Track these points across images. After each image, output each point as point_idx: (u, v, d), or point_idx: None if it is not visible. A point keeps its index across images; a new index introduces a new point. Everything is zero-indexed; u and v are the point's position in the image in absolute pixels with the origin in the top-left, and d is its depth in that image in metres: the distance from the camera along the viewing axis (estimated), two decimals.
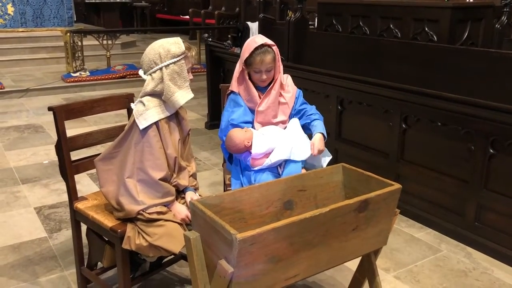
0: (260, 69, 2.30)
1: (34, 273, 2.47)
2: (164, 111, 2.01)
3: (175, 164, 2.05)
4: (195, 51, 2.08)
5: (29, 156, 4.22)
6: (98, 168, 2.06)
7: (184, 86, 2.02)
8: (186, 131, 2.18)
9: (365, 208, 1.82)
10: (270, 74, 2.34)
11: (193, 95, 2.07)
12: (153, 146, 1.97)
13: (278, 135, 2.32)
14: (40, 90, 6.62)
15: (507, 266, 2.59)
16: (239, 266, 1.55)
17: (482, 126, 2.62)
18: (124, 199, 1.95)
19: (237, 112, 2.38)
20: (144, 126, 1.95)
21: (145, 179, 1.95)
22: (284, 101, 2.44)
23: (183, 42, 2.02)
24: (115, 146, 2.04)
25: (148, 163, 1.95)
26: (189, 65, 2.05)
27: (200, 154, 4.37)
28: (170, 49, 1.96)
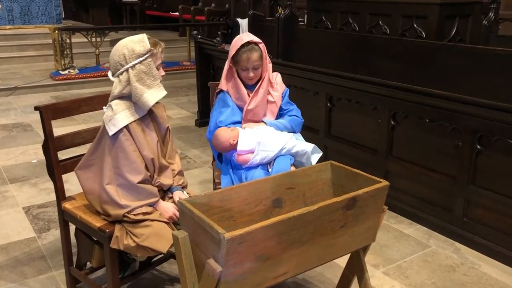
0: (246, 66, 2.30)
1: (23, 274, 2.46)
2: (134, 114, 1.97)
3: (154, 165, 2.02)
4: (162, 47, 2.01)
5: (18, 155, 4.18)
6: (78, 177, 2.05)
7: (155, 85, 1.97)
8: (164, 129, 2.14)
9: (353, 205, 1.83)
10: (258, 72, 2.34)
11: (166, 93, 2.02)
12: (127, 150, 1.93)
13: (265, 131, 2.33)
14: (28, 88, 6.57)
15: (494, 261, 2.61)
16: (228, 265, 1.55)
17: (469, 122, 2.64)
18: (107, 206, 1.94)
19: (225, 113, 2.38)
20: (114, 132, 1.92)
21: (125, 184, 1.93)
22: (272, 99, 2.45)
23: (149, 38, 1.97)
24: (91, 153, 2.03)
25: (124, 168, 1.93)
26: (158, 61, 1.99)
27: (190, 152, 4.36)
28: (134, 49, 1.92)
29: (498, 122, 2.51)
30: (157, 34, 11.41)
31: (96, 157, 1.99)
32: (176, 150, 2.25)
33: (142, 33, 2.00)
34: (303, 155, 2.37)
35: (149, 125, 2.04)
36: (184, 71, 7.82)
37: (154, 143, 2.03)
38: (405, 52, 3.76)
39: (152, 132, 2.04)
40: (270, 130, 2.37)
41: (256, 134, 2.31)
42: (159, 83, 1.98)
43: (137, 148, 1.95)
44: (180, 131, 4.98)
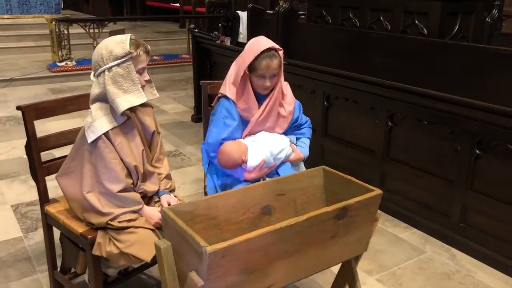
0: (264, 74, 2.10)
1: (6, 276, 2.40)
2: (113, 121, 1.87)
3: (137, 172, 1.93)
4: (146, 50, 1.89)
5: (10, 150, 4.12)
6: (59, 184, 1.98)
7: (133, 90, 1.85)
8: (150, 133, 2.05)
9: (344, 215, 1.76)
10: (274, 80, 2.14)
11: (144, 100, 1.89)
12: (106, 158, 1.84)
13: (266, 139, 2.21)
14: (25, 80, 6.50)
15: (490, 268, 2.55)
16: (210, 279, 1.48)
17: (469, 126, 2.56)
18: (89, 215, 1.87)
19: (230, 129, 2.17)
20: (92, 139, 1.83)
21: (105, 192, 1.86)
22: (284, 114, 2.26)
23: (131, 40, 1.86)
24: (71, 159, 1.95)
25: (103, 176, 1.85)
26: (140, 65, 1.88)
27: (185, 148, 4.29)
28: (113, 50, 1.82)
29: (498, 127, 2.43)
30: (158, 25, 11.34)
31: (76, 164, 1.92)
32: (164, 153, 2.17)
33: (129, 34, 1.92)
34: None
35: (133, 131, 1.94)
36: (182, 64, 7.73)
37: (138, 151, 1.94)
38: (406, 50, 3.68)
39: (136, 138, 1.95)
40: (269, 137, 2.23)
41: (261, 145, 2.17)
42: (139, 88, 1.88)
43: (117, 156, 1.86)
44: (176, 126, 4.91)
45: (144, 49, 1.88)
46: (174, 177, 3.55)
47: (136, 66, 1.86)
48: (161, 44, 9.24)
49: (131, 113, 1.94)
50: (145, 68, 1.92)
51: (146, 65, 1.92)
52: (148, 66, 1.98)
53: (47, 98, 5.89)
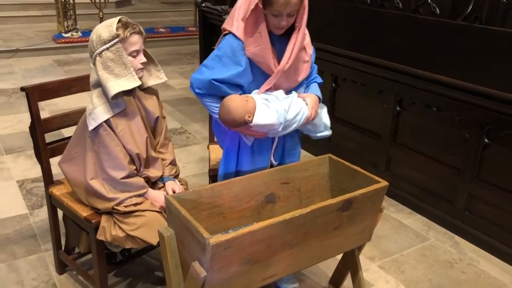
0: (281, 12, 1.74)
1: (13, 253, 2.42)
2: (110, 110, 1.82)
3: (140, 159, 1.92)
4: (136, 30, 1.81)
5: (15, 123, 4.11)
6: (63, 170, 1.97)
7: (126, 74, 1.80)
8: (153, 119, 2.02)
9: (348, 207, 1.75)
10: (291, 20, 1.79)
11: (138, 83, 1.83)
12: (108, 145, 1.82)
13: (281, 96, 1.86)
14: (30, 51, 6.45)
15: (493, 257, 2.55)
16: (213, 269, 1.49)
17: (478, 114, 2.52)
18: (94, 200, 1.87)
19: (229, 72, 1.79)
20: (93, 126, 1.81)
21: (109, 179, 1.85)
22: (306, 58, 1.93)
23: (120, 22, 1.79)
24: (74, 145, 1.94)
25: (106, 164, 1.83)
26: (132, 47, 1.81)
27: (190, 126, 4.27)
28: (101, 35, 1.77)
29: (509, 116, 2.38)
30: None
31: (79, 150, 1.91)
32: (169, 138, 2.15)
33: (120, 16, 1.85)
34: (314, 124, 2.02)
35: (135, 117, 1.91)
36: (189, 37, 7.62)
37: (141, 137, 1.92)
38: (417, 31, 3.58)
39: (139, 125, 1.92)
40: (286, 99, 1.87)
41: (275, 107, 1.81)
42: (132, 72, 1.81)
43: (119, 143, 1.85)
44: (182, 103, 4.87)
45: (134, 30, 1.80)
46: (179, 156, 3.57)
47: (127, 49, 1.80)
48: (168, 16, 9.11)
49: (134, 98, 1.91)
50: (139, 50, 1.85)
51: (141, 47, 1.85)
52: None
53: (53, 70, 5.86)
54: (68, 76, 5.50)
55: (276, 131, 1.85)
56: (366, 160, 3.26)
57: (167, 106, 4.69)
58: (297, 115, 1.87)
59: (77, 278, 2.25)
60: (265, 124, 1.80)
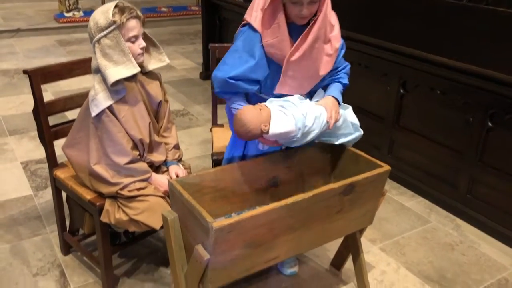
0: (301, 0, 1.65)
1: (18, 234, 2.45)
2: (110, 97, 1.81)
3: (143, 145, 1.92)
4: (130, 16, 1.76)
5: (18, 104, 4.12)
6: (66, 155, 1.98)
7: (125, 61, 1.78)
8: (156, 103, 2.01)
9: (350, 191, 1.76)
10: (313, 8, 1.68)
11: (137, 70, 1.81)
12: (110, 131, 1.82)
13: (298, 102, 1.76)
14: (32, 31, 6.40)
15: (494, 240, 2.57)
16: (216, 253, 1.50)
17: (482, 97, 2.50)
18: (98, 185, 1.88)
19: (245, 66, 1.73)
20: (96, 113, 1.81)
21: (113, 164, 1.86)
22: (330, 51, 1.77)
23: (117, 7, 1.75)
24: (77, 130, 1.94)
25: (109, 150, 1.84)
26: (130, 33, 1.78)
27: (192, 108, 4.26)
28: (98, 22, 1.75)
29: None
30: None
31: (83, 135, 1.91)
32: (173, 121, 2.15)
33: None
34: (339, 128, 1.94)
35: (138, 102, 1.91)
36: (191, 16, 7.55)
37: (144, 123, 1.92)
38: (422, 12, 3.54)
39: (141, 110, 1.92)
40: (304, 103, 1.78)
41: (292, 113, 1.72)
42: (131, 58, 1.79)
43: (122, 129, 1.85)
44: (184, 84, 4.86)
45: (131, 15, 1.77)
46: (181, 138, 3.58)
47: (124, 35, 1.78)
48: None
49: (136, 83, 1.91)
50: (138, 35, 1.82)
51: (139, 31, 1.82)
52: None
53: (55, 50, 5.83)
54: (70, 57, 5.51)
55: (296, 138, 1.74)
56: (369, 143, 3.25)
57: (169, 88, 4.68)
58: (317, 119, 1.76)
59: (82, 259, 2.28)
60: (283, 132, 1.70)
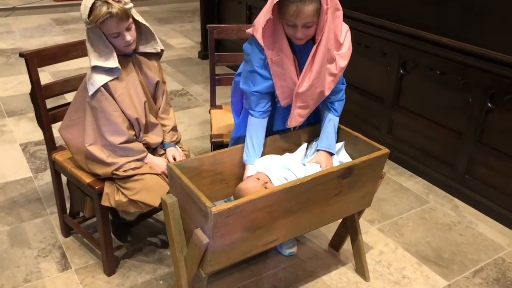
0: (294, 22, 1.63)
1: (19, 216, 2.47)
2: (106, 76, 1.80)
3: (139, 124, 1.92)
4: (108, 16, 1.69)
5: (16, 85, 4.10)
6: (63, 137, 1.97)
7: (107, 54, 1.77)
8: (153, 84, 2.00)
9: (349, 174, 1.76)
10: (309, 31, 1.66)
11: (116, 65, 1.78)
12: (106, 110, 1.82)
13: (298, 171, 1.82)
14: (28, 9, 6.33)
15: (491, 220, 2.59)
16: (215, 237, 1.52)
17: (482, 78, 2.49)
18: (93, 166, 1.88)
19: (264, 84, 1.78)
20: (92, 91, 1.79)
21: (108, 144, 1.86)
22: (334, 71, 1.76)
23: (96, 4, 1.69)
24: (74, 111, 1.93)
25: (104, 129, 1.83)
26: (110, 31, 1.74)
27: (191, 87, 4.24)
28: (82, 13, 1.74)
29: None
30: None
31: (79, 116, 1.90)
32: (170, 103, 2.14)
33: None
34: None
35: (135, 82, 1.90)
36: None
37: (140, 102, 1.91)
38: None
39: (138, 89, 1.91)
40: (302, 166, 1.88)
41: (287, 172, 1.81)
42: (112, 53, 1.78)
43: (118, 108, 1.84)
44: (183, 63, 4.82)
45: (108, 14, 1.69)
46: (180, 119, 3.58)
47: (105, 32, 1.76)
48: None
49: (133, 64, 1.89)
50: (120, 32, 1.77)
51: (122, 28, 1.75)
52: None
53: (51, 29, 5.77)
54: (67, 35, 5.45)
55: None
56: (368, 123, 3.26)
57: (167, 67, 4.65)
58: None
59: (82, 241, 2.30)
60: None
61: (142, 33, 1.94)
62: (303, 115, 1.84)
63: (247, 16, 4.32)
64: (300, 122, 1.88)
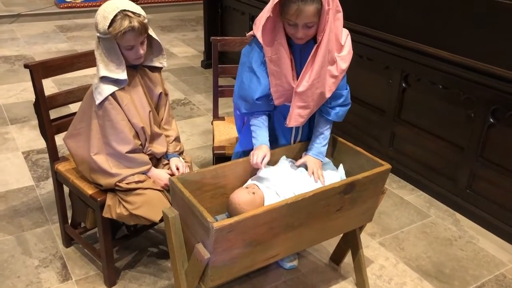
0: (295, 22, 1.65)
1: (20, 226, 2.47)
2: (113, 86, 1.82)
3: (145, 134, 1.93)
4: (128, 29, 1.71)
5: (19, 92, 4.11)
6: (67, 146, 1.98)
7: (117, 66, 1.79)
8: (157, 95, 2.02)
9: (351, 190, 1.77)
10: (310, 31, 1.68)
11: (124, 78, 1.80)
12: (113, 119, 1.83)
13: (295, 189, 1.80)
14: (33, 16, 6.36)
15: (493, 235, 2.58)
16: (216, 252, 1.52)
17: (485, 93, 2.50)
18: (97, 176, 1.89)
19: (261, 88, 1.80)
20: (100, 100, 1.81)
21: (114, 153, 1.86)
22: (335, 73, 1.76)
23: (119, 15, 1.71)
24: (79, 121, 1.94)
25: (111, 138, 1.84)
26: (126, 43, 1.77)
27: (194, 97, 4.25)
28: (98, 23, 1.75)
29: None
30: None
31: (85, 125, 1.91)
32: (173, 115, 2.15)
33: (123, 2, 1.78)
34: None
35: (139, 92, 1.92)
36: (193, 2, 7.47)
37: (145, 112, 1.93)
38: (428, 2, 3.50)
39: (142, 100, 1.93)
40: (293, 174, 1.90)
41: (284, 188, 1.81)
42: (122, 65, 1.80)
43: (125, 117, 1.86)
44: (185, 72, 4.84)
45: (129, 27, 1.72)
46: (183, 128, 3.59)
47: (120, 44, 1.78)
48: None
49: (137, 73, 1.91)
50: (135, 45, 1.79)
51: (137, 41, 1.79)
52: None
53: (56, 36, 5.80)
54: (71, 43, 5.48)
55: None
56: (370, 135, 3.26)
57: (170, 76, 4.67)
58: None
59: (83, 251, 2.30)
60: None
61: (153, 47, 1.96)
62: (304, 115, 1.84)
63: (250, 26, 4.35)
64: (301, 123, 1.87)
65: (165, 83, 2.10)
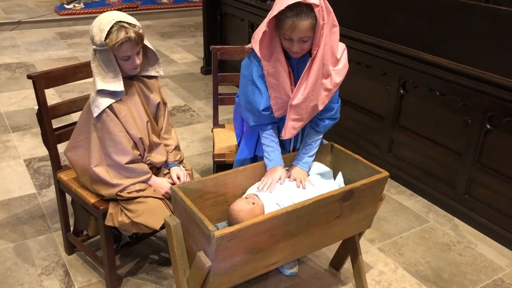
0: (290, 36, 1.69)
1: (23, 233, 2.50)
2: (110, 98, 1.85)
3: (143, 144, 1.96)
4: (124, 40, 1.74)
5: (20, 100, 4.14)
6: (68, 159, 2.01)
7: (113, 77, 1.82)
8: (155, 105, 2.04)
9: (349, 197, 1.79)
10: (305, 45, 1.71)
11: (121, 89, 1.83)
12: (112, 131, 1.86)
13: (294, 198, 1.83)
14: (33, 23, 6.41)
15: (491, 240, 2.61)
16: (217, 259, 1.54)
17: (481, 100, 2.53)
18: (99, 187, 1.92)
19: (264, 99, 1.84)
20: (97, 113, 1.84)
21: (114, 164, 1.89)
22: (329, 86, 1.80)
23: (115, 27, 1.74)
24: (79, 133, 1.98)
25: (111, 149, 1.87)
26: (123, 54, 1.79)
27: (193, 103, 4.28)
28: (94, 35, 1.78)
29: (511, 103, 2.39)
30: None
31: (84, 138, 1.94)
32: (172, 124, 2.18)
33: (119, 13, 1.81)
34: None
35: (137, 103, 1.95)
36: (192, 8, 7.53)
37: (142, 122, 1.96)
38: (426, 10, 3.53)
39: (140, 110, 1.95)
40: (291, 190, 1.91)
41: (284, 198, 1.84)
42: (119, 76, 1.83)
43: (123, 128, 1.89)
44: (185, 79, 4.87)
45: (125, 38, 1.75)
46: (183, 135, 3.62)
47: (117, 55, 1.81)
48: None
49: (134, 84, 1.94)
50: (132, 55, 1.82)
51: (134, 51, 1.82)
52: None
53: (56, 43, 5.83)
54: (71, 49, 5.52)
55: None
56: (369, 141, 3.29)
57: (170, 82, 4.70)
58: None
59: (85, 259, 2.32)
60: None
61: (148, 57, 1.99)
62: (297, 127, 1.87)
63: (249, 33, 4.38)
64: (294, 135, 1.91)
65: (164, 90, 2.13)
